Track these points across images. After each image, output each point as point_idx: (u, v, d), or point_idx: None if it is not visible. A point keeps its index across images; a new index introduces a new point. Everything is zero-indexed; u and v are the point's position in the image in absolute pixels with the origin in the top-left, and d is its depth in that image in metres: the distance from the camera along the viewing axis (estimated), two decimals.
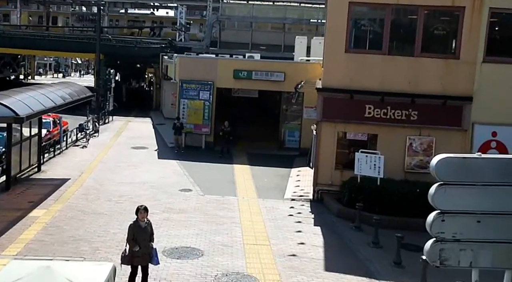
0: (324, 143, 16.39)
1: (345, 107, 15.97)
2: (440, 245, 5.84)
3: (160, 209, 14.50)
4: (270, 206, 15.58)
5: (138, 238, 9.14)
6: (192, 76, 24.52)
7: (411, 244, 12.42)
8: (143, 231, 9.20)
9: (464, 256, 5.86)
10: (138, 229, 9.22)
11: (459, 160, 5.77)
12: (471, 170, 5.72)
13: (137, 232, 9.18)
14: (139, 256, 9.12)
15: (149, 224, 9.40)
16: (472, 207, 5.83)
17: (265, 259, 11.24)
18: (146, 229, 9.26)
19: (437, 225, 5.79)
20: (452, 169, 5.69)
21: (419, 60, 15.66)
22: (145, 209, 9.37)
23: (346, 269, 11.01)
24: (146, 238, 9.19)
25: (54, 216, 13.30)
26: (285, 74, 24.21)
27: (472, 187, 5.78)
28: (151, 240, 9.30)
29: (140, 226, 9.23)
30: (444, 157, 5.71)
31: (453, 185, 5.76)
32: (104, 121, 31.84)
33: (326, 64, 16.35)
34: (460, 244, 5.85)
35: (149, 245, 9.18)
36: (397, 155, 15.90)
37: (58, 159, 20.74)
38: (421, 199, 14.43)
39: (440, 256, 5.84)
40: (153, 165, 20.66)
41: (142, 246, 9.11)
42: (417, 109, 15.77)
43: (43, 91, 16.35)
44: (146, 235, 9.21)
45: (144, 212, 9.28)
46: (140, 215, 9.26)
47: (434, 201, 5.76)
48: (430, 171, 5.83)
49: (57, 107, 16.46)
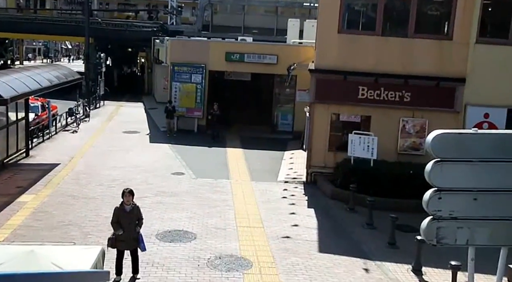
0: (317, 125, 16.27)
1: (339, 89, 15.82)
2: (437, 223, 5.76)
3: (152, 193, 14.37)
4: (264, 189, 15.49)
5: (122, 221, 8.99)
6: (183, 59, 24.23)
7: (405, 225, 12.42)
8: (128, 215, 9.02)
9: (461, 234, 5.79)
10: (122, 212, 9.06)
11: (455, 135, 5.67)
12: (467, 146, 5.62)
13: (121, 216, 9.03)
14: (123, 240, 8.97)
15: (135, 208, 9.18)
16: (468, 184, 5.75)
17: (258, 241, 11.17)
18: (131, 213, 9.07)
19: (434, 202, 5.71)
20: (448, 145, 5.59)
21: (413, 41, 15.49)
22: (130, 192, 9.18)
23: (340, 250, 10.97)
24: (131, 222, 9.01)
25: (43, 201, 13.12)
26: (277, 57, 23.98)
27: (469, 164, 5.69)
28: (138, 225, 9.11)
29: (125, 209, 9.06)
30: (439, 133, 5.60)
31: (449, 161, 5.66)
32: (95, 106, 31.55)
33: (319, 45, 16.15)
34: (457, 222, 5.77)
35: (134, 229, 9.00)
36: (390, 136, 15.82)
37: (48, 144, 20.48)
38: (414, 181, 14.47)
39: (437, 235, 5.76)
40: (145, 149, 20.48)
41: (126, 230, 8.94)
42: (410, 90, 15.66)
43: (29, 74, 15.96)
44: (130, 219, 9.02)
45: (129, 195, 9.09)
46: (125, 198, 9.08)
47: (430, 178, 5.66)
48: (426, 148, 5.74)
49: (43, 89, 16.06)
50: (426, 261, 10.27)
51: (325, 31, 15.80)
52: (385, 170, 14.57)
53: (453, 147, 5.60)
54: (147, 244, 10.53)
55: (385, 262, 10.60)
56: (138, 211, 9.24)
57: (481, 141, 5.62)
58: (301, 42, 24.88)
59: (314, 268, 9.99)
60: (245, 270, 9.67)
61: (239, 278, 9.33)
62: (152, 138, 22.90)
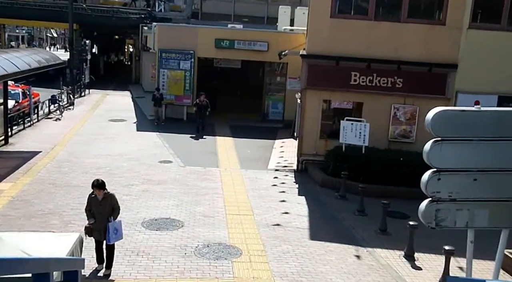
0: (309, 111, 15.94)
1: (330, 74, 15.49)
2: (436, 205, 5.46)
3: (139, 181, 13.99)
4: (253, 177, 15.17)
5: (94, 210, 8.49)
6: (171, 45, 23.72)
7: (396, 211, 12.24)
8: (99, 204, 8.45)
9: (461, 216, 5.50)
10: (94, 200, 8.50)
11: (456, 113, 5.37)
12: (468, 124, 5.31)
13: (93, 204, 8.51)
14: (96, 230, 8.46)
15: (108, 196, 8.54)
16: (469, 164, 5.45)
17: (248, 229, 10.85)
18: (102, 202, 8.46)
19: (433, 184, 5.40)
20: (448, 123, 5.28)
21: (405, 26, 15.17)
22: (98, 185, 8.44)
23: (332, 237, 10.69)
24: (103, 212, 8.43)
25: (22, 190, 12.64)
26: (268, 43, 23.59)
27: (469, 143, 5.38)
28: (112, 215, 8.49)
29: (97, 198, 8.48)
30: (440, 110, 5.29)
31: (449, 141, 5.35)
32: (80, 95, 30.85)
33: (311, 30, 15.78)
34: (456, 203, 5.48)
35: (106, 219, 8.41)
36: (382, 123, 15.56)
37: (29, 131, 19.89)
38: (404, 168, 14.28)
39: (436, 217, 5.47)
40: (132, 137, 20.02)
41: (98, 219, 8.43)
42: (402, 76, 15.39)
43: (7, 56, 15.33)
44: (102, 209, 8.44)
45: (97, 189, 8.44)
46: (94, 191, 8.49)
47: (429, 159, 5.35)
48: (426, 126, 5.42)
49: (20, 72, 15.36)
50: (419, 247, 10.04)
51: (317, 16, 15.43)
52: (377, 157, 14.31)
53: (453, 125, 5.29)
54: (133, 232, 10.27)
55: (377, 249, 10.35)
56: (112, 200, 8.58)
57: (483, 118, 5.32)
58: (293, 29, 24.47)
59: (305, 255, 9.70)
60: (234, 258, 9.35)
61: (228, 266, 9.01)
62: (139, 126, 22.43)
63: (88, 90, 32.39)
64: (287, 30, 24.44)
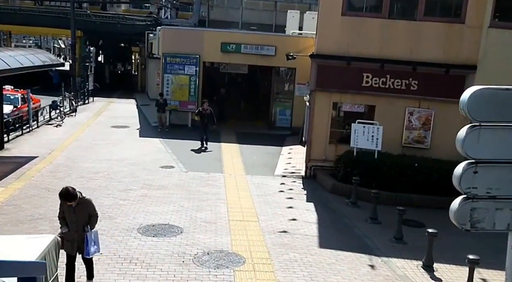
0: (318, 114, 15.14)
1: (341, 75, 14.70)
2: (472, 204, 4.59)
3: (138, 186, 13.21)
4: (259, 182, 14.35)
5: (67, 218, 7.30)
6: (176, 49, 23.05)
7: (411, 219, 11.41)
8: (72, 212, 7.25)
9: (501, 216, 4.62)
10: (67, 207, 7.28)
11: (499, 92, 4.53)
12: None
13: (66, 211, 7.31)
14: (68, 240, 7.27)
15: (84, 202, 7.32)
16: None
17: (252, 236, 10.01)
18: (77, 209, 7.24)
19: (468, 178, 4.54)
20: (489, 104, 4.45)
21: (421, 25, 14.39)
22: (64, 195, 7.13)
23: (343, 245, 9.82)
24: (77, 221, 7.26)
25: (12, 194, 11.87)
26: (276, 48, 22.86)
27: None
28: (89, 223, 7.36)
29: (70, 205, 7.26)
30: (478, 89, 4.48)
31: (489, 126, 4.53)
32: (84, 102, 30.31)
33: (321, 28, 15.02)
34: (497, 201, 4.61)
35: (82, 230, 7.25)
36: (395, 128, 14.71)
37: (27, 137, 19.19)
38: (419, 175, 13.41)
39: (471, 217, 4.60)
40: (134, 143, 19.29)
41: (71, 229, 7.25)
42: (417, 78, 14.57)
43: None
44: (76, 217, 7.26)
45: (63, 201, 7.21)
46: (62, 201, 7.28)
47: (464, 148, 4.49)
48: (460, 109, 4.60)
49: (10, 70, 14.66)
50: (438, 257, 9.18)
51: (328, 13, 14.68)
52: (390, 163, 13.45)
53: (494, 107, 4.47)
54: (128, 238, 9.48)
55: (392, 258, 9.49)
56: (88, 206, 7.37)
57: None
58: (301, 33, 23.77)
59: (314, 264, 8.84)
60: (237, 266, 8.51)
61: (230, 275, 8.17)
62: (142, 132, 21.73)
63: (92, 98, 31.86)
64: (296, 34, 23.71)
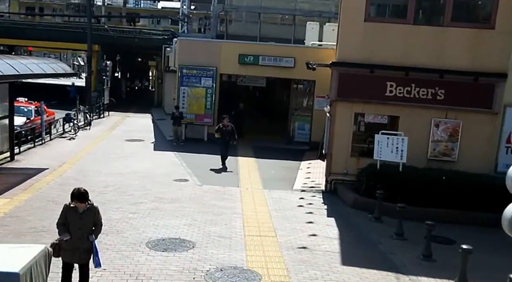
0: (339, 126, 14.40)
1: (364, 84, 14.00)
2: None
3: (149, 199, 12.57)
4: (277, 197, 13.61)
5: (71, 225, 6.72)
6: (193, 61, 22.57)
7: (439, 236, 10.53)
8: (79, 218, 6.74)
9: None
10: (72, 213, 6.75)
11: None
12: None
13: (71, 217, 6.74)
14: (69, 249, 6.71)
15: (91, 209, 6.86)
16: None
17: (269, 252, 9.26)
18: (84, 215, 6.76)
19: None
20: None
21: (448, 31, 13.67)
22: (78, 196, 6.68)
23: (367, 262, 9.01)
24: (83, 227, 6.74)
25: (17, 206, 11.30)
26: (295, 59, 22.25)
27: None
28: (94, 232, 6.88)
29: (76, 210, 6.76)
30: None
31: None
32: (99, 116, 30.09)
33: (342, 35, 14.39)
34: None
35: (86, 238, 6.74)
36: (420, 140, 13.90)
37: (39, 149, 18.76)
38: (448, 188, 12.55)
39: None
40: (147, 156, 18.74)
41: (74, 236, 6.68)
42: (444, 87, 13.80)
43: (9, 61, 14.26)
44: (82, 223, 6.75)
45: (77, 202, 6.71)
46: (74, 202, 6.76)
47: None
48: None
49: (18, 76, 14.26)
50: (472, 277, 8.29)
51: (349, 19, 14.05)
52: (416, 175, 12.62)
53: None
54: (135, 253, 8.81)
55: (422, 277, 8.67)
56: (96, 214, 6.91)
57: None
58: (321, 44, 23.16)
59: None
60: None
61: None
62: (156, 146, 21.21)
63: (107, 112, 31.65)
64: (315, 45, 23.11)
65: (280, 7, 37.52)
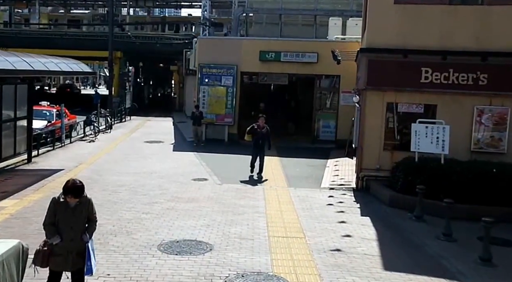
0: (370, 117, 13.20)
1: (396, 71, 12.79)
2: None
3: (165, 198, 11.56)
4: (304, 195, 12.46)
5: (61, 223, 5.57)
6: (213, 59, 21.69)
7: (496, 237, 9.12)
8: (71, 214, 5.57)
9: None
10: (63, 208, 5.61)
11: None
12: None
13: (60, 214, 5.59)
14: (61, 254, 5.53)
15: (84, 202, 5.69)
16: None
17: (298, 254, 8.11)
18: (77, 211, 5.61)
19: None
20: None
21: (490, 10, 12.42)
22: (73, 191, 5.55)
23: (414, 267, 7.77)
24: (75, 225, 5.58)
25: (26, 207, 10.41)
26: (318, 54, 21.21)
27: None
28: (87, 230, 5.71)
29: (67, 205, 5.59)
30: None
31: None
32: (121, 120, 29.57)
33: (371, 19, 13.20)
34: None
35: (80, 237, 5.61)
36: (462, 131, 12.59)
37: (58, 151, 18.05)
38: (501, 182, 11.18)
39: None
40: (167, 157, 17.83)
41: (66, 237, 5.54)
42: (487, 71, 12.50)
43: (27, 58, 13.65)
44: (75, 220, 5.59)
45: (70, 197, 5.57)
46: (67, 197, 5.62)
47: None
48: None
49: (31, 71, 13.61)
50: None
51: (379, 2, 12.89)
52: (461, 169, 11.29)
53: None
54: (145, 256, 7.77)
55: None
56: (89, 207, 5.73)
57: None
58: (344, 38, 22.00)
59: None
60: None
61: None
62: (176, 147, 20.34)
63: (129, 117, 31.19)
64: (339, 39, 21.94)
65: (301, 8, 36.54)
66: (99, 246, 7.98)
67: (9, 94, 14.13)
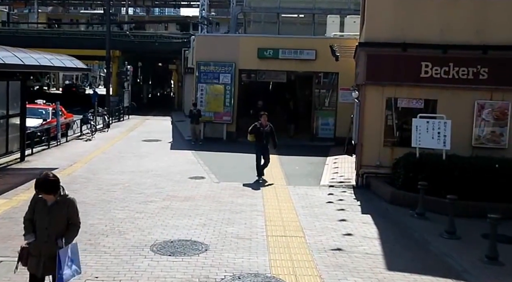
0: (370, 113, 12.95)
1: (396, 65, 12.53)
2: None
3: (160, 197, 11.30)
4: (303, 193, 12.21)
5: (37, 221, 5.18)
6: (211, 57, 21.45)
7: (500, 234, 8.84)
8: (46, 212, 5.16)
9: None
10: (40, 206, 5.21)
11: None
12: None
13: (38, 212, 5.21)
14: (35, 255, 5.15)
15: (64, 201, 5.22)
16: None
17: (298, 254, 7.84)
18: (53, 210, 5.17)
19: None
20: None
21: (490, 2, 12.15)
22: (42, 186, 5.13)
23: (418, 266, 7.50)
24: (50, 227, 5.14)
25: (14, 206, 10.10)
26: (316, 52, 20.98)
27: None
28: (64, 236, 5.21)
29: (45, 202, 5.20)
30: None
31: None
32: (119, 119, 29.34)
33: (369, 12, 12.95)
34: None
35: (54, 241, 5.13)
36: (462, 126, 12.31)
37: (53, 150, 17.81)
38: (503, 178, 10.94)
39: None
40: (164, 155, 17.59)
41: (41, 238, 5.15)
42: (488, 65, 12.24)
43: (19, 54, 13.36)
44: (50, 220, 5.14)
45: (42, 193, 5.18)
46: (41, 194, 5.23)
47: None
48: None
49: (22, 66, 13.31)
50: None
51: None
52: (463, 164, 11.03)
53: None
54: (136, 257, 7.51)
55: None
56: (70, 208, 5.24)
57: None
58: (343, 34, 21.75)
59: None
60: None
61: None
62: (173, 145, 20.12)
63: (127, 116, 30.99)
64: (337, 36, 21.68)
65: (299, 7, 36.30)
66: (89, 247, 7.77)
67: (1, 91, 13.85)
